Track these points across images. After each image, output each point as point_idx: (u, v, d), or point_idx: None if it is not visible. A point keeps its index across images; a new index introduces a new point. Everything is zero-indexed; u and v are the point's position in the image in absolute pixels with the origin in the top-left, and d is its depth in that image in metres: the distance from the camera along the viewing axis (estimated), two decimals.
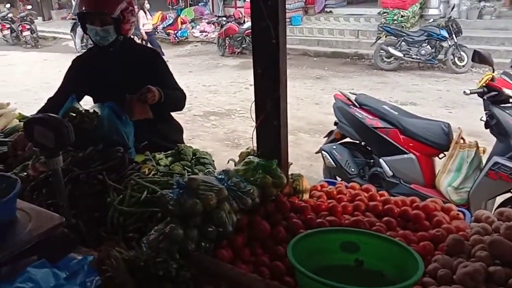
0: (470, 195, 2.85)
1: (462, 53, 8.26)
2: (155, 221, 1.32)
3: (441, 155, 3.13)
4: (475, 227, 1.36)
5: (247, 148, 1.88)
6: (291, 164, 1.84)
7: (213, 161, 1.98)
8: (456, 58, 8.29)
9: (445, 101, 6.65)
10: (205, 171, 1.69)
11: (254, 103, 1.53)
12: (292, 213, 1.43)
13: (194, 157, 1.92)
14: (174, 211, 1.23)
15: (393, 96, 7.10)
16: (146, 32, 11.49)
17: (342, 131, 3.56)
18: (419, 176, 3.13)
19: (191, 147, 2.00)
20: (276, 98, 1.46)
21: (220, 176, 1.41)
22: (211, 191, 1.25)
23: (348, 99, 3.53)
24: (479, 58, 2.84)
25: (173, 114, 2.49)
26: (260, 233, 1.32)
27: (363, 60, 10.02)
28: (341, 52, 10.64)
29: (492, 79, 2.79)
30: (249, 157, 1.58)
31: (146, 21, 11.51)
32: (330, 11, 12.87)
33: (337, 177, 3.69)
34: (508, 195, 2.86)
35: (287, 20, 12.25)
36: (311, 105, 6.82)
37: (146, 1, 11.82)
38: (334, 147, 3.56)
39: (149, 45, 10.60)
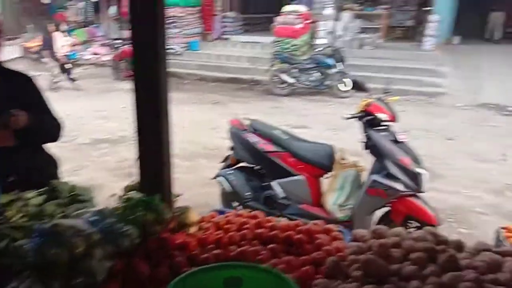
0: (353, 212, 3.08)
1: (345, 79, 9.09)
2: (14, 276, 1.14)
3: (327, 175, 3.35)
4: (352, 246, 1.44)
5: (133, 181, 1.78)
6: (179, 195, 1.78)
7: (93, 197, 1.82)
8: (341, 84, 9.09)
9: (332, 123, 7.19)
10: (80, 211, 1.54)
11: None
12: (177, 251, 1.36)
13: (70, 195, 1.74)
14: (34, 263, 1.07)
15: (286, 120, 7.47)
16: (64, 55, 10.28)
17: (238, 156, 3.61)
18: (308, 196, 3.29)
19: (67, 183, 1.81)
20: (157, 128, 1.40)
21: (93, 218, 1.28)
22: (79, 237, 1.13)
23: (243, 125, 3.61)
24: (358, 86, 3.14)
25: (52, 144, 2.26)
26: (137, 276, 1.22)
27: (259, 85, 10.43)
28: (238, 78, 10.95)
29: (368, 105, 3.09)
30: (130, 192, 1.48)
31: (64, 43, 10.36)
32: (228, 38, 13.24)
33: (234, 202, 3.73)
34: (386, 208, 3.15)
35: (185, 45, 12.31)
36: (209, 130, 6.83)
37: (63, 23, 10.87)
38: (230, 172, 3.59)
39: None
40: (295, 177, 3.30)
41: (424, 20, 11.80)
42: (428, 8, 11.85)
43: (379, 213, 3.23)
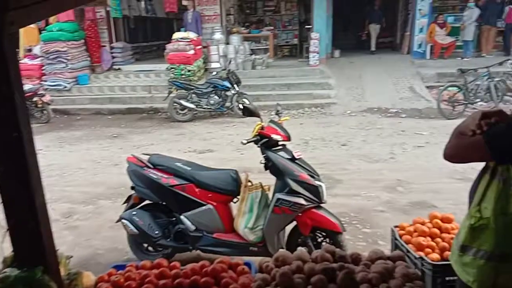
0: (264, 232, 3.11)
1: (244, 99, 9.33)
2: None
3: (235, 199, 3.35)
4: (258, 279, 1.43)
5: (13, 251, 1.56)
6: (70, 257, 1.61)
7: None
8: (239, 105, 9.31)
9: (237, 144, 7.30)
10: None
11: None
12: None
13: None
14: None
15: (192, 146, 7.40)
16: None
17: (140, 194, 3.44)
18: (220, 224, 3.25)
19: None
20: (27, 194, 1.24)
21: None
22: None
23: (141, 161, 3.46)
24: (248, 112, 3.21)
25: None
26: None
27: (159, 113, 10.21)
28: (136, 107, 10.59)
29: (262, 128, 3.18)
30: (5, 270, 1.29)
31: None
32: (119, 68, 12.76)
33: (144, 244, 3.53)
34: (294, 223, 3.24)
35: (74, 79, 11.55)
36: (110, 167, 6.44)
37: None
38: (134, 212, 3.39)
39: None
40: (203, 207, 3.24)
41: (307, 37, 12.76)
42: (309, 27, 12.85)
43: (288, 228, 3.32)
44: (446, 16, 12.60)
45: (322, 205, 3.19)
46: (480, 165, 1.54)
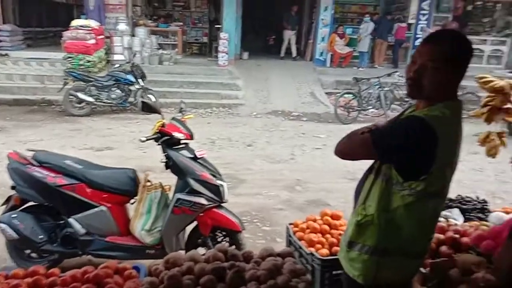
0: (162, 234, 3.01)
1: (149, 95, 8.98)
2: None
3: (133, 200, 3.19)
4: (145, 283, 1.36)
5: None
6: None
7: None
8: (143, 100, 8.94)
9: (139, 142, 6.98)
10: None
11: None
12: None
13: None
14: None
15: (88, 142, 6.89)
16: None
17: (22, 195, 3.08)
18: (114, 227, 3.06)
19: None
20: None
21: None
22: None
23: (24, 158, 3.10)
24: (148, 108, 3.08)
25: None
26: None
27: (53, 106, 9.33)
28: (25, 99, 9.53)
29: (163, 125, 3.07)
30: None
31: None
32: (6, 54, 11.37)
33: (27, 250, 3.18)
34: (195, 223, 3.19)
35: None
36: None
37: None
38: (14, 215, 3.03)
39: None
40: (96, 209, 3.01)
41: (216, 37, 12.77)
42: (219, 26, 12.88)
43: (188, 229, 3.25)
44: (346, 27, 13.62)
45: (223, 204, 3.18)
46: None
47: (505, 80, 2.35)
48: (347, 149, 1.58)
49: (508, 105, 2.34)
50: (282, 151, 7.01)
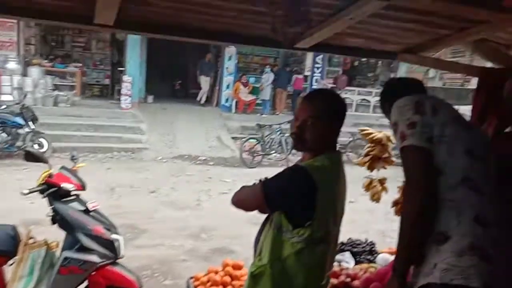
0: None
1: (41, 139, 8.25)
2: None
3: (11, 261, 2.79)
4: None
5: None
6: None
7: None
8: (35, 145, 8.17)
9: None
10: None
11: None
12: None
13: None
14: None
15: None
16: None
17: None
18: None
19: None
20: None
21: None
22: None
23: None
24: (33, 157, 2.81)
25: None
26: None
27: None
28: None
29: (51, 176, 2.80)
30: None
31: None
32: None
33: None
34: (85, 283, 2.88)
35: None
36: None
37: None
38: None
39: None
40: None
41: (119, 79, 12.42)
42: (122, 69, 12.58)
43: None
44: (249, 76, 14.30)
45: (119, 260, 2.95)
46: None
47: (383, 132, 2.65)
48: (242, 200, 1.64)
49: (387, 155, 2.63)
50: (188, 197, 6.87)
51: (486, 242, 1.21)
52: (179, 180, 7.97)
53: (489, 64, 2.51)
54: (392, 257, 2.51)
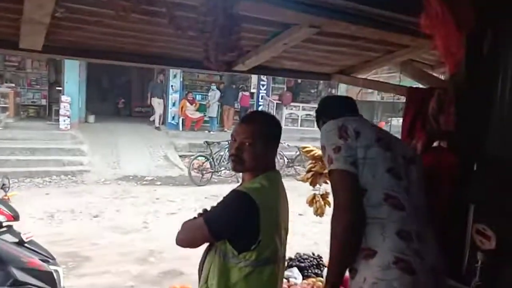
0: None
1: None
2: None
3: None
4: None
5: None
6: None
7: None
8: None
9: None
10: None
11: None
12: None
13: None
14: None
15: None
16: None
17: None
18: None
19: None
20: None
21: None
22: None
23: None
24: None
25: None
26: None
27: None
28: None
29: None
30: None
31: None
32: None
33: None
34: None
35: None
36: None
37: None
38: None
39: None
40: None
41: (58, 99, 11.85)
42: (60, 88, 12.02)
43: None
44: (195, 93, 14.24)
45: None
46: None
47: None
48: (186, 239, 1.61)
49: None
50: (134, 219, 6.63)
51: (409, 255, 1.30)
52: (124, 202, 7.69)
53: (416, 84, 2.72)
54: None
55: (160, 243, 5.58)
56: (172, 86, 13.82)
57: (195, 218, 1.60)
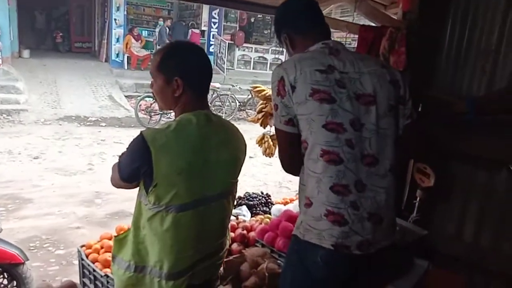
0: None
1: None
2: None
3: None
4: None
5: None
6: None
7: None
8: None
9: None
10: None
11: None
12: None
13: None
14: None
15: None
16: None
17: None
18: None
19: None
20: None
21: None
22: None
23: None
24: None
25: None
26: None
27: None
28: None
29: None
30: None
31: None
32: None
33: None
34: None
35: None
36: None
37: None
38: None
39: None
40: None
41: None
42: None
43: None
44: (141, 29, 13.39)
45: None
46: None
47: None
48: (112, 179, 1.50)
49: None
50: (78, 161, 6.38)
51: (342, 208, 1.34)
52: (67, 143, 7.34)
53: (369, 23, 2.68)
54: (285, 207, 2.66)
55: (106, 185, 5.31)
56: (115, 19, 12.86)
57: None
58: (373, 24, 2.53)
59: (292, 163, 1.47)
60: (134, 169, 1.38)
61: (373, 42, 2.22)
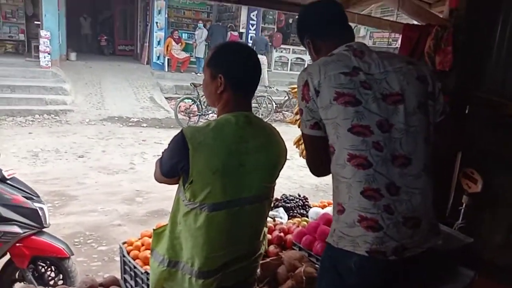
0: None
1: None
2: None
3: None
4: None
5: None
6: None
7: None
8: None
9: None
10: None
11: None
12: None
13: None
14: None
15: None
16: None
17: None
18: None
19: None
20: None
21: None
22: None
23: None
24: None
25: None
26: None
27: None
28: None
29: None
30: None
31: None
32: None
33: None
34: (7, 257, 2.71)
35: None
36: None
37: None
38: None
39: None
40: None
41: (37, 34, 11.27)
42: (38, 23, 11.39)
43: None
44: (181, 32, 13.68)
45: (45, 229, 2.78)
46: None
47: None
48: (155, 174, 1.52)
49: None
50: (120, 160, 6.61)
51: (375, 213, 1.29)
52: (110, 143, 7.62)
53: (413, 21, 2.59)
54: (323, 211, 2.62)
55: (147, 184, 5.60)
56: (156, 23, 13.22)
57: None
58: (417, 23, 2.44)
59: (320, 167, 1.46)
60: (173, 164, 1.40)
61: (417, 41, 2.14)
